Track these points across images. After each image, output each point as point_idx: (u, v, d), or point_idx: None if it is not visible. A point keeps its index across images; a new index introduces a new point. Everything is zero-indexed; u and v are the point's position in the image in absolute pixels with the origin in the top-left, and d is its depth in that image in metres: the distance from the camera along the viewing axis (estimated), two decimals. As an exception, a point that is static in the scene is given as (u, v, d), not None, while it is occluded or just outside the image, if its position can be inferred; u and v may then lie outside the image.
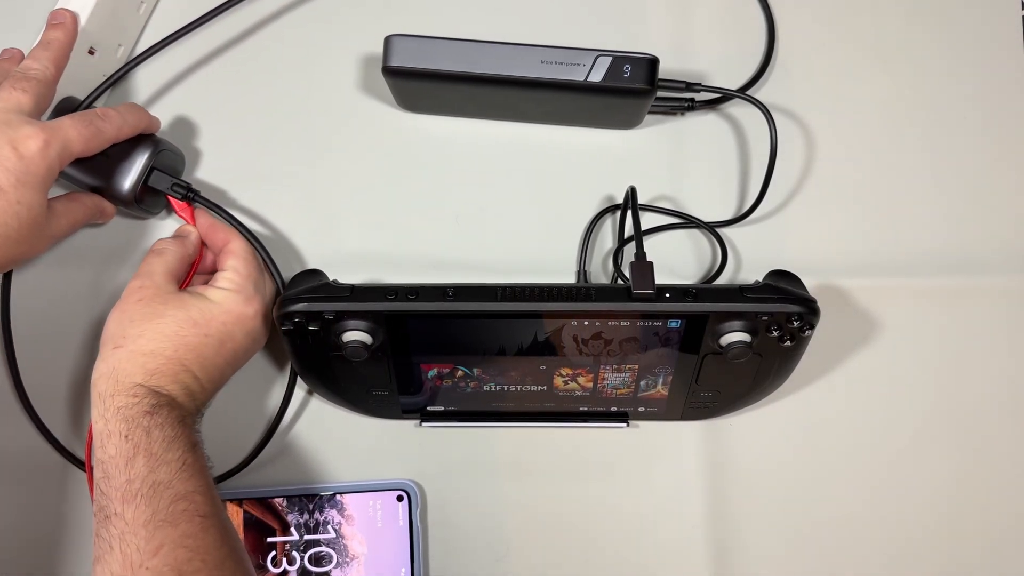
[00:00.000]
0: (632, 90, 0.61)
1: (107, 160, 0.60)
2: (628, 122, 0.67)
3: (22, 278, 0.64)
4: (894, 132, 0.68)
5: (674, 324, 0.55)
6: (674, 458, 0.64)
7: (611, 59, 0.60)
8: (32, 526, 0.62)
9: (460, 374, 0.59)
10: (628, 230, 0.64)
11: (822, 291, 0.65)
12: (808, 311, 0.55)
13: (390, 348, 0.57)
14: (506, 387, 0.60)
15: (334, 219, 0.66)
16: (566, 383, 0.60)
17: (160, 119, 0.63)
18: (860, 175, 0.67)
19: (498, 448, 0.64)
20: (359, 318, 0.55)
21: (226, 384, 0.59)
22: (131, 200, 0.61)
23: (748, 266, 0.66)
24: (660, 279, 0.55)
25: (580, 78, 0.60)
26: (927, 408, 0.65)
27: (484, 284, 0.55)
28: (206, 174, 0.66)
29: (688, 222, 0.66)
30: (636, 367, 0.59)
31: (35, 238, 0.55)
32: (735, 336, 0.55)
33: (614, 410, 0.63)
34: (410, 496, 0.62)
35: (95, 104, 0.62)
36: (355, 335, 0.55)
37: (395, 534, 0.62)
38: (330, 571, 0.61)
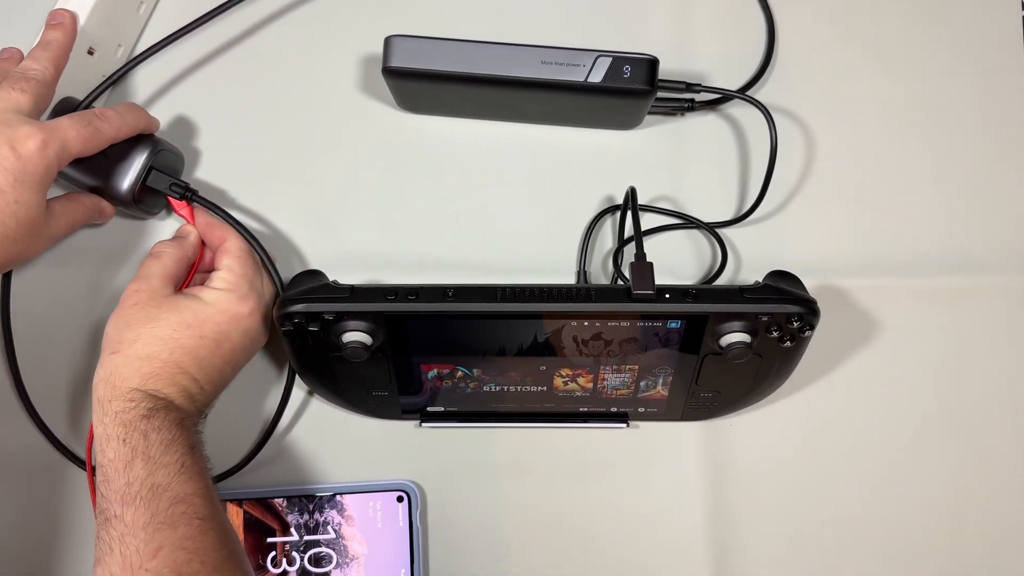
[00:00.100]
0: (632, 90, 0.61)
1: (106, 160, 0.60)
2: (628, 122, 0.67)
3: (21, 278, 0.64)
4: (894, 132, 0.68)
5: (674, 325, 0.55)
6: (674, 458, 0.64)
7: (611, 59, 0.60)
8: (32, 525, 0.62)
9: (460, 374, 0.59)
10: (628, 230, 0.64)
11: (822, 291, 0.65)
12: (808, 311, 0.55)
13: (390, 349, 0.57)
14: (506, 387, 0.60)
15: (334, 219, 0.66)
16: (566, 384, 0.60)
17: (160, 119, 0.63)
18: (860, 175, 0.67)
19: (498, 448, 0.64)
20: (359, 319, 0.55)
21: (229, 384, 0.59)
22: (130, 200, 0.61)
23: (748, 266, 0.66)
24: (660, 279, 0.55)
25: (580, 78, 0.60)
26: (927, 408, 0.65)
27: (484, 284, 0.55)
28: (206, 174, 0.66)
29: (688, 222, 0.66)
30: (636, 368, 0.59)
31: (33, 238, 0.55)
32: (735, 337, 0.55)
33: (614, 411, 0.63)
34: (410, 497, 0.62)
35: (94, 104, 0.62)
36: (355, 336, 0.55)
37: (395, 535, 0.62)
38: (330, 571, 0.61)
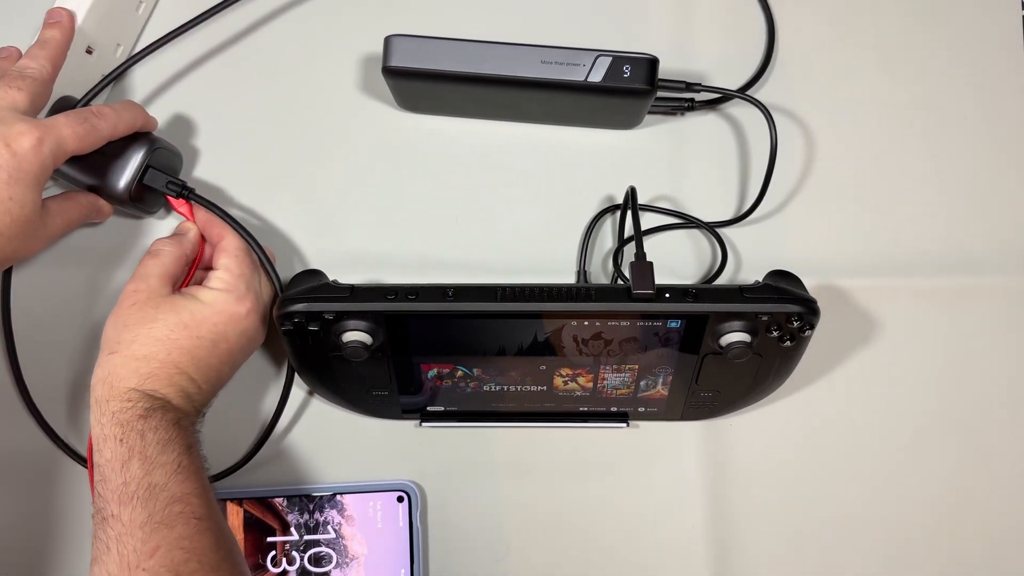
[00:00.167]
0: (632, 90, 0.61)
1: (102, 158, 0.59)
2: (628, 122, 0.67)
3: (19, 277, 0.63)
4: (894, 132, 0.68)
5: (674, 324, 0.55)
6: (674, 458, 0.64)
7: (611, 59, 0.60)
8: (34, 523, 0.62)
9: (460, 374, 0.59)
10: (628, 230, 0.64)
11: (822, 291, 0.65)
12: (808, 311, 0.55)
13: (390, 348, 0.57)
14: (506, 387, 0.60)
15: (334, 219, 0.66)
16: (566, 383, 0.60)
17: (159, 118, 0.63)
18: (860, 175, 0.67)
19: (498, 448, 0.64)
20: (359, 318, 0.55)
21: (227, 383, 0.59)
22: (126, 198, 0.60)
23: (748, 266, 0.66)
24: (660, 279, 0.55)
25: (580, 78, 0.60)
26: (927, 408, 0.65)
27: (484, 284, 0.55)
28: (206, 173, 0.66)
29: (688, 222, 0.66)
30: (636, 367, 0.59)
31: (29, 236, 0.55)
32: (735, 336, 0.55)
33: (614, 410, 0.63)
34: (410, 497, 0.62)
35: (92, 103, 0.62)
36: (355, 335, 0.55)
37: (395, 535, 0.62)
38: (330, 571, 0.61)
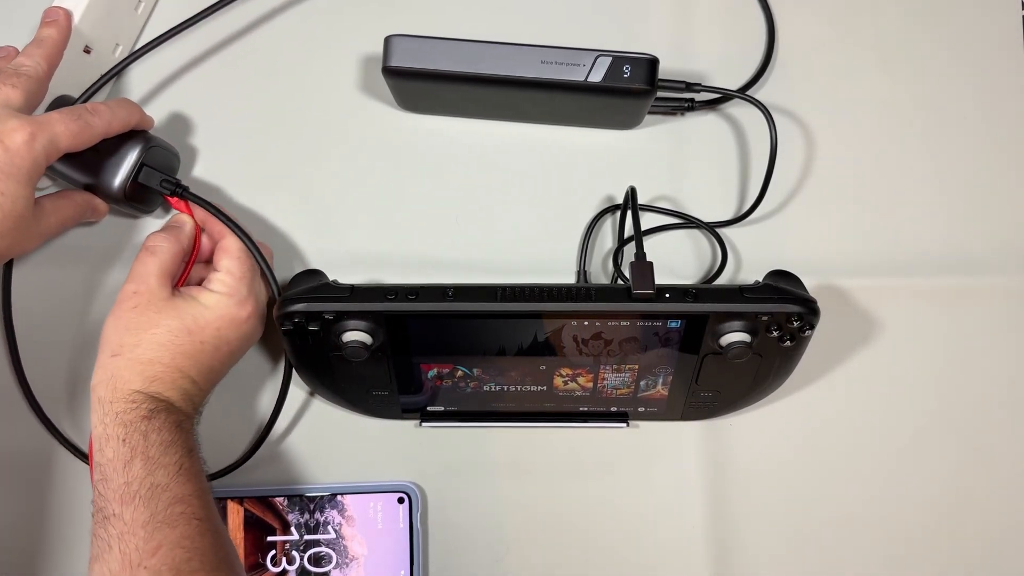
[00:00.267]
0: (632, 90, 0.61)
1: (97, 156, 0.59)
2: (628, 122, 0.67)
3: (16, 276, 0.63)
4: (894, 132, 0.68)
5: (674, 324, 0.55)
6: (674, 458, 0.64)
7: (611, 59, 0.60)
8: (36, 520, 0.62)
9: (460, 374, 0.59)
10: (628, 230, 0.64)
11: (822, 291, 0.65)
12: (808, 311, 0.55)
13: (390, 348, 0.57)
14: (506, 387, 0.60)
15: (334, 219, 0.66)
16: (566, 383, 0.60)
17: (157, 117, 0.63)
18: (860, 175, 0.67)
19: (498, 448, 0.64)
20: (359, 318, 0.55)
21: (223, 379, 0.59)
22: (121, 197, 0.60)
23: (748, 266, 0.66)
24: (660, 279, 0.55)
25: (580, 78, 0.60)
26: (927, 408, 0.65)
27: (484, 284, 0.55)
28: (205, 173, 0.66)
29: (688, 222, 0.66)
30: (636, 367, 0.59)
31: (21, 233, 0.55)
32: (735, 336, 0.55)
33: (614, 410, 0.63)
34: (411, 498, 0.62)
35: (90, 102, 0.62)
36: (355, 335, 0.55)
37: (395, 536, 0.62)
38: (329, 571, 0.61)
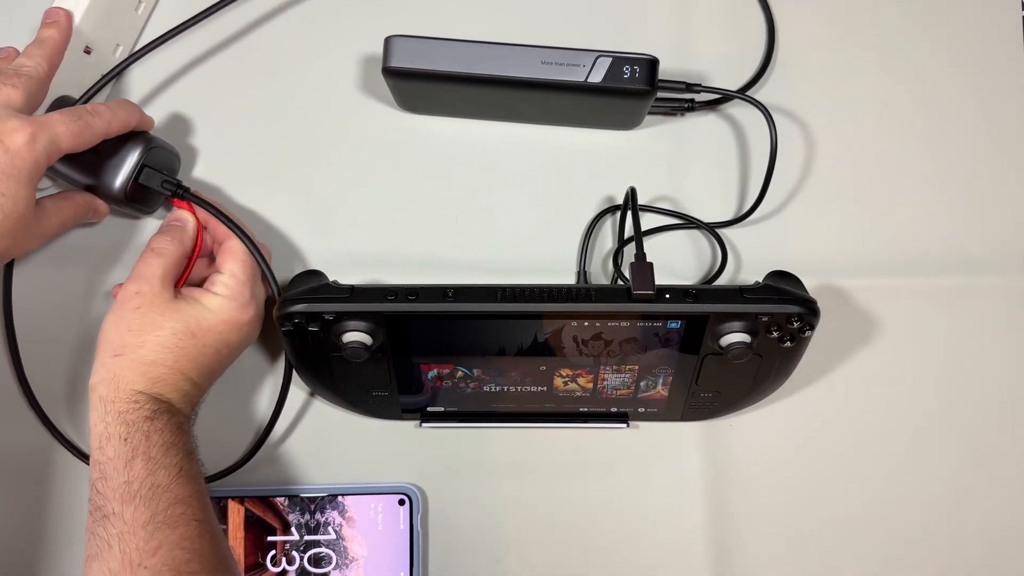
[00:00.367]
0: (632, 91, 0.61)
1: (98, 157, 0.59)
2: (628, 123, 0.67)
3: (16, 276, 0.63)
4: (894, 132, 0.68)
5: (674, 325, 0.55)
6: (674, 458, 0.64)
7: (611, 60, 0.60)
8: (36, 519, 0.62)
9: (460, 375, 0.59)
10: (628, 230, 0.64)
11: (822, 291, 0.65)
12: (808, 312, 0.55)
13: (390, 349, 0.57)
14: (506, 388, 0.60)
15: (334, 219, 0.66)
16: (566, 384, 0.60)
17: (157, 117, 0.63)
18: (860, 175, 0.67)
19: (498, 449, 0.64)
20: (359, 319, 0.55)
21: (224, 380, 0.59)
22: (122, 198, 0.60)
23: (748, 266, 0.66)
24: (660, 279, 0.55)
25: (580, 79, 0.60)
26: (927, 408, 0.65)
27: (484, 285, 0.55)
28: (205, 173, 0.66)
29: (688, 222, 0.66)
30: (636, 368, 0.59)
31: (22, 233, 0.55)
32: (735, 337, 0.55)
33: (614, 411, 0.63)
34: (412, 500, 0.62)
35: (90, 103, 0.62)
36: (355, 336, 0.55)
37: (395, 538, 0.62)
38: (329, 572, 0.61)
